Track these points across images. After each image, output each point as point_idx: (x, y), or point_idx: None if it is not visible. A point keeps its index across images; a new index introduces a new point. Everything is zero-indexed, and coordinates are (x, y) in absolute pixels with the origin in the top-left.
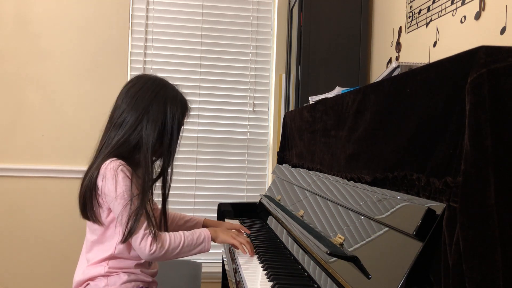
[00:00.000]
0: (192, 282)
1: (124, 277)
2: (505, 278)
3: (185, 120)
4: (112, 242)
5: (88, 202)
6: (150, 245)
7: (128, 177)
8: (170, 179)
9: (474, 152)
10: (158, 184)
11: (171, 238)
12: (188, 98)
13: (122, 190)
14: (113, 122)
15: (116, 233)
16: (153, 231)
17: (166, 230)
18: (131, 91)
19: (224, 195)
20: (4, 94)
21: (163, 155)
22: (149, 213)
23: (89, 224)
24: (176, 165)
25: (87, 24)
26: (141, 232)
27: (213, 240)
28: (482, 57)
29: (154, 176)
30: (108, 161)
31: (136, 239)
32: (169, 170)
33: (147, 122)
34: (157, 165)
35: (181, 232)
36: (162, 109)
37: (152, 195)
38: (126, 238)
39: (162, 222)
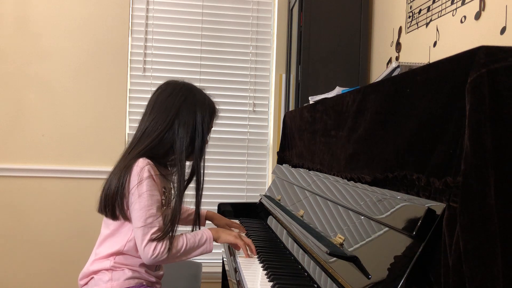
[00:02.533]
0: (192, 282)
1: (128, 273)
2: (506, 278)
3: (213, 122)
4: (124, 238)
5: (119, 202)
6: (153, 250)
7: (152, 178)
8: (203, 181)
9: (474, 152)
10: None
11: (173, 243)
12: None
13: (144, 190)
14: (145, 126)
15: (130, 230)
16: (159, 237)
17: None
18: (161, 97)
19: (224, 195)
20: (4, 94)
21: (195, 157)
22: (172, 216)
23: (105, 219)
24: None
25: (87, 24)
26: (149, 235)
27: (215, 240)
28: (482, 57)
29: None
30: (138, 161)
31: (143, 240)
32: (201, 172)
33: (179, 125)
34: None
35: (183, 235)
36: (192, 113)
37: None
38: (157, 238)
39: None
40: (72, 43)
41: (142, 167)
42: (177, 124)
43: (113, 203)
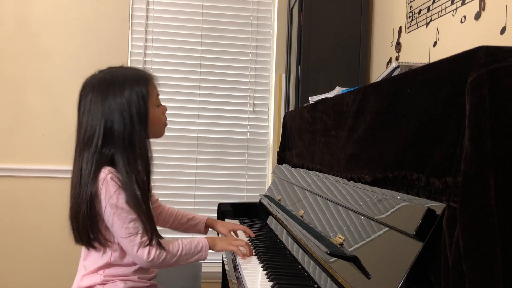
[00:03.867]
0: (192, 282)
1: (120, 285)
2: (506, 278)
3: (154, 90)
4: (108, 250)
5: (94, 228)
6: (148, 253)
7: (118, 185)
8: (148, 158)
9: (474, 152)
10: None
11: (169, 247)
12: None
13: (114, 202)
14: (81, 138)
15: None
16: (150, 239)
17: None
18: (84, 103)
19: (224, 195)
20: (4, 94)
21: (140, 141)
22: (148, 218)
23: None
24: (175, 165)
25: (87, 24)
26: (137, 239)
27: (211, 248)
28: (482, 57)
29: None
30: (100, 175)
31: (133, 247)
32: (149, 155)
33: (112, 124)
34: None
35: (179, 240)
36: (119, 103)
37: (150, 190)
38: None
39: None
40: (72, 43)
41: (103, 178)
42: (109, 123)
43: (87, 231)
